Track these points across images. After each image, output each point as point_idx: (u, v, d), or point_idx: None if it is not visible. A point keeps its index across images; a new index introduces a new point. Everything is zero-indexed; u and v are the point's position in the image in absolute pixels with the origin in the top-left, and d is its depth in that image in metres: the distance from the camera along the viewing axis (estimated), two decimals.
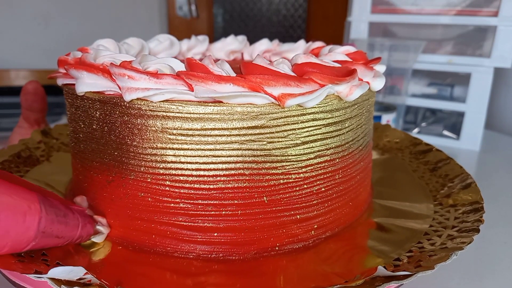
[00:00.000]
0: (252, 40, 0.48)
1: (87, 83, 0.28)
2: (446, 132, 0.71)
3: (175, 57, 0.44)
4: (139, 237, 0.29)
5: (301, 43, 0.44)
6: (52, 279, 0.23)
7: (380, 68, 0.34)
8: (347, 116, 0.30)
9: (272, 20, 2.00)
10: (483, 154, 0.66)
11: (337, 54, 0.32)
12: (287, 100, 0.26)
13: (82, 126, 0.30)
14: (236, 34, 0.50)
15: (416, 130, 0.74)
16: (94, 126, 0.29)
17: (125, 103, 0.27)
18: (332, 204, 0.31)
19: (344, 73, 0.28)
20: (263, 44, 0.46)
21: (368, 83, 0.31)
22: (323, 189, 0.30)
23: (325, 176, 0.30)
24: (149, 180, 0.28)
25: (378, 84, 0.32)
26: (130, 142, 0.28)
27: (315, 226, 0.30)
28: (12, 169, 0.40)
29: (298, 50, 0.44)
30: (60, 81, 0.31)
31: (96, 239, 0.30)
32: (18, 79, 1.19)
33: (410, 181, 0.40)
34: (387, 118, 0.63)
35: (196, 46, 0.46)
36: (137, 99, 0.26)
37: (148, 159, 0.28)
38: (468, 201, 0.33)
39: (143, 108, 0.26)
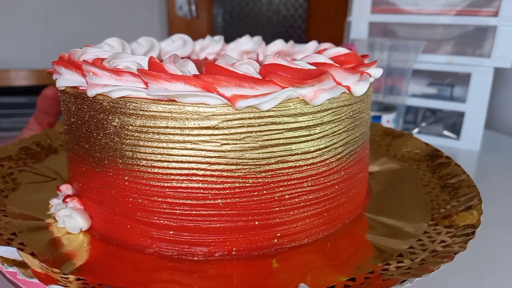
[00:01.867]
0: None
1: (66, 79, 0.30)
2: (446, 132, 0.71)
3: (188, 57, 0.45)
4: (105, 227, 0.31)
5: (312, 44, 0.43)
6: None
7: (375, 71, 0.33)
8: (316, 121, 0.28)
9: (272, 20, 2.00)
10: (483, 154, 0.66)
11: (317, 56, 0.30)
12: (238, 101, 0.25)
13: (66, 119, 0.32)
14: (236, 34, 0.49)
15: (416, 130, 0.74)
16: (72, 119, 0.31)
17: (91, 98, 0.28)
18: (299, 213, 0.29)
19: (311, 75, 0.27)
20: (277, 45, 0.45)
21: (348, 87, 0.29)
22: (286, 197, 0.28)
23: (289, 183, 0.28)
24: (111, 174, 0.29)
25: (360, 88, 0.30)
26: (96, 135, 0.29)
27: (278, 235, 0.29)
28: (30, 154, 0.44)
29: (307, 51, 0.43)
30: (54, 77, 0.33)
31: None
32: (18, 79, 1.19)
33: (415, 195, 0.38)
34: (387, 118, 0.63)
35: (210, 46, 0.46)
36: (100, 94, 0.27)
37: (110, 154, 0.28)
38: (463, 224, 0.31)
39: (104, 103, 0.27)
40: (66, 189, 0.34)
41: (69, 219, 0.31)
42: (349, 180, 0.32)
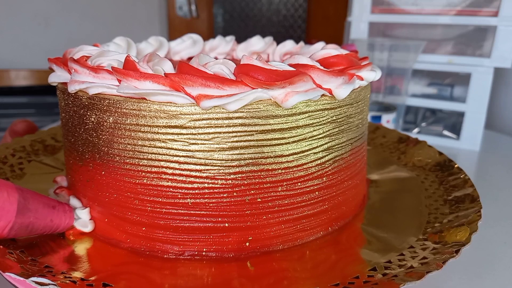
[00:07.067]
0: None
1: (56, 75, 0.31)
2: (446, 132, 0.71)
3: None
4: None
5: (319, 45, 0.42)
6: None
7: (369, 74, 0.31)
8: (290, 125, 0.27)
9: (272, 20, 1.99)
10: (483, 154, 0.66)
11: (300, 57, 0.29)
12: (203, 101, 0.25)
13: (60, 113, 0.34)
14: (236, 34, 0.50)
15: (416, 130, 0.74)
16: (62, 114, 0.32)
17: (73, 94, 0.29)
18: (273, 218, 0.29)
19: (283, 77, 0.26)
20: (286, 45, 0.45)
21: (329, 90, 0.28)
22: (258, 200, 0.28)
23: (261, 186, 0.28)
24: (91, 168, 0.29)
25: (343, 92, 0.28)
26: (78, 130, 0.30)
27: (250, 238, 0.28)
28: (44, 146, 0.46)
29: (312, 52, 0.43)
30: None
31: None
32: (18, 79, 1.19)
33: (413, 207, 0.36)
34: (387, 118, 0.63)
35: (220, 46, 0.46)
36: (80, 90, 0.28)
37: (90, 149, 0.29)
38: (452, 242, 0.29)
39: (83, 100, 0.28)
40: (61, 180, 0.36)
41: None
42: (333, 187, 0.31)
